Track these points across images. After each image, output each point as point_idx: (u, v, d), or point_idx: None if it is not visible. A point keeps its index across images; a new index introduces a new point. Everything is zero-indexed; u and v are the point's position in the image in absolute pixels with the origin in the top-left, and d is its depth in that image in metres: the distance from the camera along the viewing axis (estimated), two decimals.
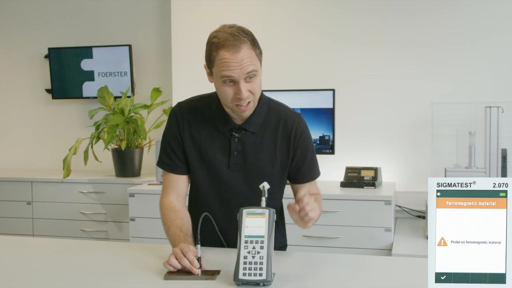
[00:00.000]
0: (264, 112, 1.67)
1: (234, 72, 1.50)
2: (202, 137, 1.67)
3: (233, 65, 1.50)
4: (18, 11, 4.31)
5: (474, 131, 2.98)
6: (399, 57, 3.42)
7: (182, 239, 1.57)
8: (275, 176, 1.68)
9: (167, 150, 1.73)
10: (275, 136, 1.67)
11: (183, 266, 1.39)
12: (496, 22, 3.27)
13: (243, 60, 1.50)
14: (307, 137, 1.72)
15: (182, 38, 3.76)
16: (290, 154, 1.68)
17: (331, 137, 3.35)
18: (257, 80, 1.56)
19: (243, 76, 1.51)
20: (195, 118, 1.69)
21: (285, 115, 1.70)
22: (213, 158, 1.66)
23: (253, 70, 1.52)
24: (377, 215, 2.88)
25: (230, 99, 1.56)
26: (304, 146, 1.69)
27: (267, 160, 1.66)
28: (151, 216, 3.14)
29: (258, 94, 1.60)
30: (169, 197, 1.72)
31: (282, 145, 1.67)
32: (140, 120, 3.66)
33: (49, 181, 3.69)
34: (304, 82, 3.51)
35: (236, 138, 1.65)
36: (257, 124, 1.66)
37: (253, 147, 1.66)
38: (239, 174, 1.66)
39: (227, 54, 1.50)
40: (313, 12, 3.56)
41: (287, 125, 1.68)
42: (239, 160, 1.65)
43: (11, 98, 4.38)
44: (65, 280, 1.41)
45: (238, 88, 1.52)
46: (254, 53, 1.54)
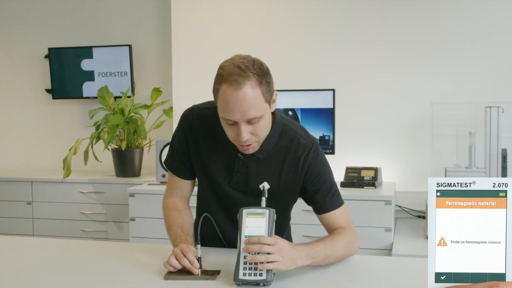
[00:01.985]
0: (275, 138, 1.56)
1: (234, 115, 1.39)
2: (208, 150, 1.61)
3: (233, 106, 1.38)
4: (18, 11, 4.31)
5: (474, 131, 2.98)
6: (399, 57, 3.42)
7: (183, 239, 1.55)
8: (277, 202, 1.53)
9: (174, 154, 1.69)
10: (283, 161, 1.57)
11: (183, 266, 1.39)
12: (496, 22, 3.27)
13: (245, 102, 1.37)
14: (320, 164, 1.58)
15: (182, 38, 3.76)
16: (297, 184, 1.58)
17: (331, 137, 3.35)
18: (261, 123, 1.44)
19: (244, 121, 1.40)
20: (205, 128, 1.61)
21: (297, 142, 1.57)
22: (216, 173, 1.61)
23: (254, 117, 1.40)
24: (377, 215, 2.88)
25: (232, 137, 1.47)
26: (315, 176, 1.56)
27: (270, 183, 1.52)
28: (151, 216, 3.14)
29: (262, 136, 1.49)
30: (173, 197, 1.71)
31: (289, 174, 1.57)
32: (140, 120, 3.66)
33: (49, 181, 3.69)
34: (304, 82, 3.51)
35: (241, 160, 1.57)
36: (266, 151, 1.55)
37: (257, 171, 1.57)
38: (241, 193, 1.61)
39: (229, 90, 1.37)
40: (313, 12, 3.56)
41: (296, 155, 1.56)
42: (241, 180, 1.59)
43: (11, 98, 4.39)
44: (65, 280, 1.41)
45: (239, 130, 1.42)
46: (259, 92, 1.39)
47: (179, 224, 1.61)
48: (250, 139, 1.45)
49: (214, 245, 1.70)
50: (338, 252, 1.48)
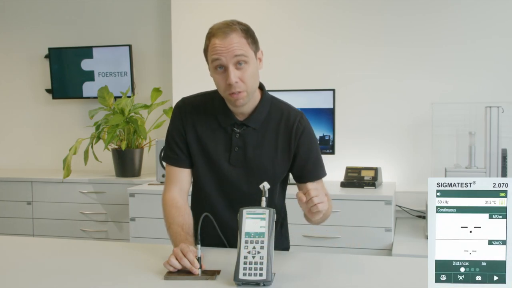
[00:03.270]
0: (266, 109, 1.67)
1: (221, 55, 1.52)
2: (204, 131, 1.68)
3: (221, 49, 1.51)
4: (18, 11, 4.31)
5: (474, 131, 2.98)
6: (399, 57, 3.42)
7: (183, 238, 1.56)
8: (276, 173, 1.67)
9: (171, 144, 1.73)
10: (277, 133, 1.67)
11: (183, 266, 1.39)
12: (496, 22, 3.27)
13: (231, 46, 1.51)
14: (309, 134, 1.70)
15: (182, 38, 3.76)
16: (291, 151, 1.67)
17: (331, 137, 3.35)
18: (248, 69, 1.55)
19: (232, 61, 1.52)
20: (198, 112, 1.69)
21: (287, 112, 1.69)
22: (214, 153, 1.66)
23: (241, 54, 1.52)
24: (377, 215, 2.88)
25: (223, 87, 1.57)
26: (306, 145, 1.68)
27: (268, 156, 1.66)
28: (151, 216, 3.14)
29: (251, 85, 1.57)
30: (172, 192, 1.71)
31: (284, 142, 1.67)
32: (140, 120, 3.66)
33: (49, 181, 3.69)
34: (304, 82, 3.51)
35: (237, 134, 1.65)
36: (259, 121, 1.66)
37: (254, 144, 1.65)
38: (240, 169, 1.66)
39: (217, 40, 1.52)
40: (313, 12, 3.56)
41: (288, 122, 1.67)
42: (239, 156, 1.65)
43: (11, 98, 4.39)
44: (65, 280, 1.41)
45: (228, 75, 1.53)
46: (245, 41, 1.54)
47: (179, 223, 1.62)
48: (239, 85, 1.54)
49: (213, 243, 1.69)
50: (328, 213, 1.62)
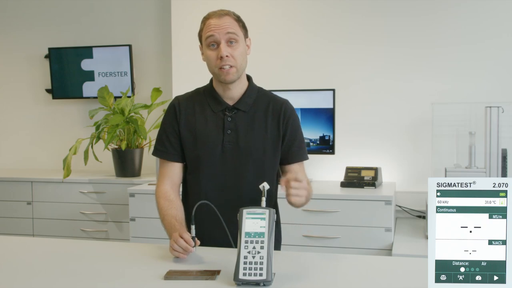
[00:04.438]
0: (254, 94, 1.82)
1: (215, 31, 1.70)
2: (197, 119, 1.79)
3: (215, 27, 1.70)
4: (18, 11, 4.31)
5: (474, 131, 2.98)
6: (399, 57, 3.42)
7: (178, 228, 1.64)
8: (267, 155, 1.78)
9: (162, 138, 1.83)
10: (266, 116, 1.79)
11: (179, 245, 1.51)
12: (496, 23, 3.27)
13: (225, 24, 1.70)
14: (295, 118, 1.84)
15: (182, 38, 3.76)
16: (280, 133, 1.79)
17: (331, 137, 3.35)
18: (238, 47, 1.71)
19: (224, 37, 1.69)
20: (191, 104, 1.81)
21: (274, 99, 1.84)
22: (208, 137, 1.76)
23: (233, 32, 1.70)
24: (377, 215, 2.88)
25: (214, 62, 1.71)
26: (293, 127, 1.81)
27: (259, 138, 1.77)
28: (151, 216, 3.14)
29: (240, 61, 1.72)
30: (164, 185, 1.81)
31: (272, 124, 1.79)
32: (140, 120, 3.66)
33: (49, 181, 3.69)
34: (304, 82, 3.52)
35: (229, 117, 1.77)
36: (248, 104, 1.79)
37: (245, 126, 1.77)
38: (233, 152, 1.75)
39: (212, 20, 1.73)
40: (313, 12, 3.56)
41: (276, 107, 1.81)
42: (232, 138, 1.76)
43: (11, 98, 4.39)
44: (65, 280, 1.41)
45: (220, 50, 1.69)
46: (236, 24, 1.73)
47: (172, 214, 1.72)
48: (230, 60, 1.70)
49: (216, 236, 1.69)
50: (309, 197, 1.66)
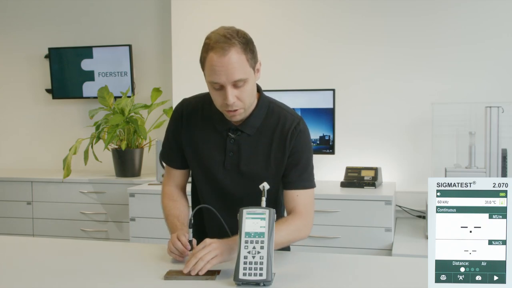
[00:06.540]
0: (262, 115, 1.64)
1: (220, 78, 1.47)
2: (200, 135, 1.70)
3: (220, 70, 1.46)
4: (18, 11, 4.31)
5: (474, 131, 2.98)
6: (399, 57, 3.42)
7: (179, 228, 1.65)
8: (269, 180, 1.56)
9: (166, 144, 1.81)
10: (271, 139, 1.63)
11: (176, 248, 1.51)
12: (496, 23, 3.27)
13: (230, 66, 1.45)
14: (304, 139, 1.64)
15: (182, 38, 3.76)
16: (284, 159, 1.63)
17: (331, 137, 3.35)
18: (247, 87, 1.51)
19: (230, 83, 1.48)
20: (195, 116, 1.71)
21: (284, 117, 1.65)
22: (209, 157, 1.68)
23: (239, 79, 1.48)
24: (377, 215, 2.88)
25: (219, 104, 1.55)
26: (299, 147, 1.63)
27: (261, 163, 1.64)
28: (151, 216, 3.14)
29: (248, 101, 1.56)
30: (170, 186, 1.82)
31: (278, 148, 1.63)
32: (140, 120, 3.66)
33: (49, 181, 3.69)
34: (304, 82, 3.51)
35: (232, 139, 1.65)
36: (254, 127, 1.64)
37: (248, 150, 1.65)
38: (234, 174, 1.67)
39: (215, 57, 1.46)
40: (313, 12, 3.56)
41: (284, 128, 1.63)
42: (234, 160, 1.66)
43: (11, 98, 4.39)
44: (65, 280, 1.41)
45: (225, 93, 1.49)
46: (244, 58, 1.48)
47: (175, 214, 1.72)
48: (236, 104, 1.52)
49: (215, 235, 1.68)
50: (279, 239, 1.48)
